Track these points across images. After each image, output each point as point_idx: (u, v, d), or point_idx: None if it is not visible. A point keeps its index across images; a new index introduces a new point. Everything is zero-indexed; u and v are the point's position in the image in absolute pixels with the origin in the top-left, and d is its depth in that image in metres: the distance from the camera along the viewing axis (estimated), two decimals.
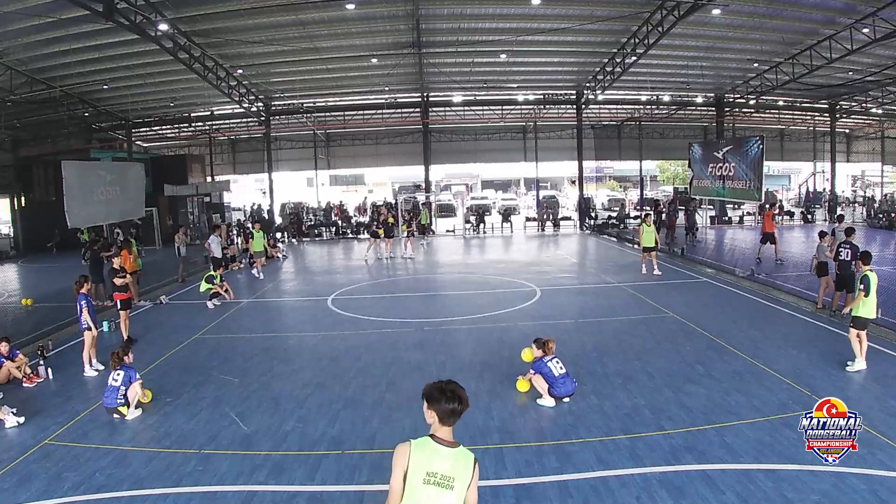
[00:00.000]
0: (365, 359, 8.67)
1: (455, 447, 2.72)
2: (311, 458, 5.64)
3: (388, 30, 19.08)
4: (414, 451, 2.67)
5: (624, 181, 53.01)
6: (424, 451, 2.68)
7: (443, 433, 2.72)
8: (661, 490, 4.87)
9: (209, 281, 12.63)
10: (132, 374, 6.73)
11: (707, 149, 19.33)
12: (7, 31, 15.92)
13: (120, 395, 6.58)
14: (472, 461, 2.72)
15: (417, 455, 2.67)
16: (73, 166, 15.26)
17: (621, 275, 14.91)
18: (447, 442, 2.71)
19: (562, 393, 6.73)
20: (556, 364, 6.79)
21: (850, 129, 36.34)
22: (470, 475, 2.70)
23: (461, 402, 2.69)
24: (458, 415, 2.71)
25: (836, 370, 7.62)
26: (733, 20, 18.15)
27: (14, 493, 5.11)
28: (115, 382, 6.62)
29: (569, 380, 6.78)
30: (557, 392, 6.71)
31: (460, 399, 2.69)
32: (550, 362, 6.80)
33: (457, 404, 2.68)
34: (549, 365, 6.77)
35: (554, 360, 6.83)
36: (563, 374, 6.75)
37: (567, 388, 6.74)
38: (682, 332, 9.62)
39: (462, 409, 2.71)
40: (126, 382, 6.64)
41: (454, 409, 2.68)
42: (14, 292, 15.86)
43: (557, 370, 6.75)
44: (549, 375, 6.73)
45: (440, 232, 27.42)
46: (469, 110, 29.04)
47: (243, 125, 30.76)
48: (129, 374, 6.70)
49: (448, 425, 2.72)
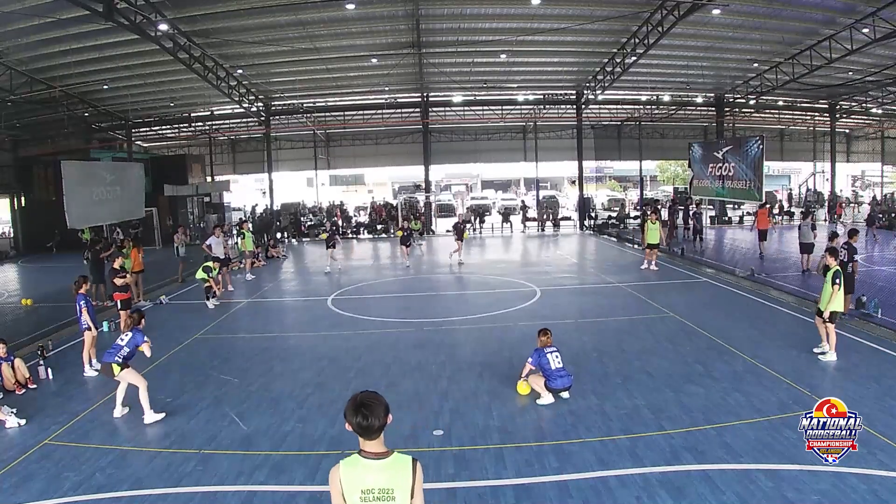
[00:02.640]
0: (365, 359, 8.67)
1: (386, 457, 2.55)
2: (311, 458, 5.64)
3: (387, 30, 19.08)
4: (343, 472, 2.55)
5: (624, 181, 53.01)
6: (355, 469, 2.55)
7: (370, 446, 2.55)
8: (661, 490, 4.87)
9: (206, 272, 12.51)
10: (139, 338, 6.67)
11: (707, 149, 19.33)
12: (7, 31, 15.92)
13: (119, 355, 6.55)
14: (409, 466, 2.56)
15: (348, 475, 2.55)
16: (73, 166, 15.28)
17: (621, 275, 14.91)
18: (375, 454, 2.55)
19: (558, 386, 6.74)
20: (554, 357, 6.81)
21: (850, 129, 36.33)
22: (410, 481, 2.54)
23: (368, 416, 2.47)
24: (369, 430, 2.50)
25: (837, 370, 7.62)
26: (733, 20, 18.14)
27: (14, 493, 5.11)
28: (122, 342, 6.63)
29: (566, 374, 6.79)
30: (554, 385, 6.72)
31: (366, 414, 2.47)
32: (550, 354, 6.82)
33: (362, 419, 2.47)
34: (548, 356, 6.79)
35: (553, 352, 6.85)
36: (560, 367, 6.77)
37: (563, 382, 6.76)
38: (682, 332, 9.62)
39: (371, 424, 2.48)
40: (132, 345, 6.62)
41: (360, 423, 2.48)
42: (14, 292, 15.86)
43: (555, 363, 6.77)
44: (546, 367, 6.75)
45: (440, 232, 27.43)
46: (469, 110, 29.03)
47: (243, 125, 30.75)
48: (136, 337, 6.66)
49: (368, 439, 2.53)
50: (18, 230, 25.24)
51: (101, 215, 15.74)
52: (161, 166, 26.76)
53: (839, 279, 7.94)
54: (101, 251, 13.53)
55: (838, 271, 8.00)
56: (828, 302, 7.99)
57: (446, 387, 7.41)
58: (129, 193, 16.70)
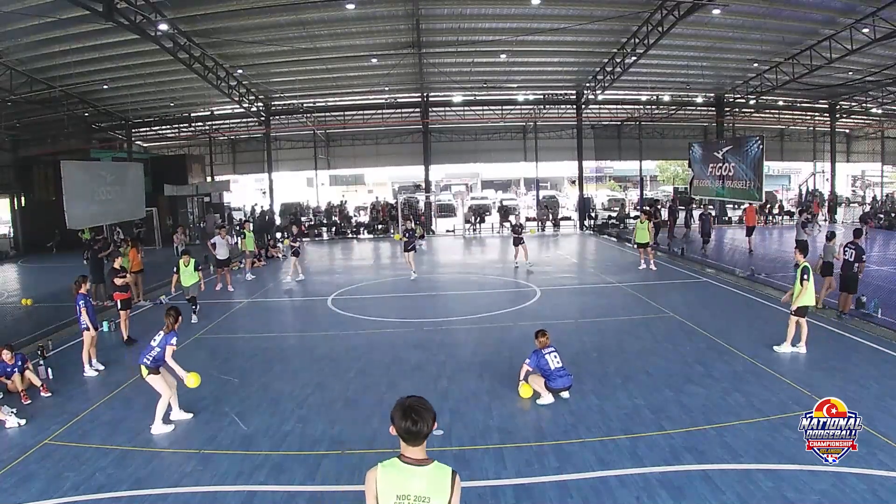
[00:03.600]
0: (365, 359, 8.67)
1: (427, 465, 2.54)
2: (311, 458, 5.64)
3: (387, 30, 19.07)
4: (381, 475, 2.54)
5: (624, 181, 52.97)
6: (392, 473, 2.53)
7: (411, 452, 2.53)
8: (661, 490, 4.87)
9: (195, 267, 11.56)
10: (169, 338, 6.42)
11: (707, 149, 19.34)
12: (7, 31, 15.92)
13: (149, 356, 6.36)
14: (448, 477, 2.54)
15: (385, 478, 2.53)
16: (73, 166, 15.29)
17: (621, 275, 14.91)
18: (417, 461, 2.53)
19: (558, 386, 6.74)
20: (553, 357, 6.81)
21: (850, 129, 36.31)
22: (448, 492, 2.52)
23: (417, 422, 2.46)
24: (417, 436, 2.49)
25: (837, 370, 7.62)
26: (733, 20, 18.14)
27: (14, 493, 5.11)
28: (153, 342, 6.44)
29: (566, 374, 6.79)
30: (554, 385, 6.73)
31: (416, 419, 2.47)
32: (548, 355, 6.82)
33: (411, 423, 2.46)
34: (546, 357, 6.80)
35: (552, 353, 6.85)
36: (559, 367, 6.77)
37: (564, 382, 6.76)
38: (682, 332, 9.62)
39: (420, 430, 2.48)
40: (162, 345, 6.39)
41: (409, 428, 2.47)
42: (14, 292, 15.85)
43: (554, 363, 6.77)
44: (545, 368, 6.75)
45: (440, 232, 27.44)
46: (469, 110, 29.03)
47: (243, 125, 30.74)
48: (166, 337, 6.41)
49: (413, 445, 2.52)
50: (18, 230, 25.23)
51: (101, 215, 15.75)
52: (161, 166, 26.74)
53: (808, 275, 8.16)
54: (99, 251, 13.53)
55: (807, 267, 8.21)
56: (797, 297, 8.19)
57: (446, 387, 7.41)
58: (129, 193, 16.72)
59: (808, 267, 8.24)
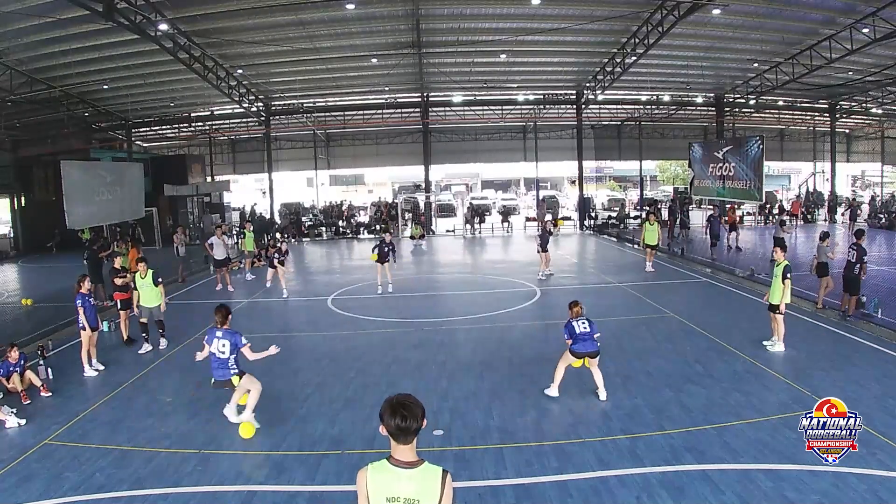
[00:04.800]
0: (365, 359, 8.67)
1: (416, 466, 2.49)
2: (311, 458, 5.64)
3: (387, 30, 19.07)
4: (371, 476, 2.52)
5: (624, 181, 52.95)
6: (382, 475, 2.51)
7: (400, 453, 2.50)
8: (661, 490, 4.87)
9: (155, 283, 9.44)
10: (237, 339, 6.12)
11: (707, 149, 19.32)
12: (7, 31, 15.91)
13: (232, 365, 6.10)
14: (439, 478, 2.50)
15: (375, 480, 2.51)
16: (73, 166, 15.27)
17: (621, 275, 14.90)
18: (405, 462, 2.49)
19: (580, 350, 6.79)
20: (580, 323, 6.87)
21: (850, 129, 36.31)
22: (439, 493, 2.48)
23: (406, 418, 2.42)
24: (407, 432, 2.44)
25: (838, 370, 7.62)
26: (733, 20, 18.13)
27: (14, 493, 5.11)
28: (223, 354, 6.08)
29: (591, 339, 6.82)
30: (576, 349, 6.79)
31: (405, 415, 2.43)
32: (576, 321, 6.89)
33: (401, 420, 2.42)
34: (573, 323, 6.88)
35: (582, 321, 6.90)
36: (585, 331, 6.82)
37: (586, 346, 6.79)
38: (682, 332, 9.63)
39: (409, 426, 2.43)
40: (234, 350, 6.11)
41: (399, 424, 2.43)
42: (14, 292, 15.85)
43: (580, 328, 6.83)
44: (573, 333, 6.83)
45: (440, 232, 27.43)
46: (469, 110, 29.03)
47: (243, 125, 30.73)
48: (234, 339, 6.11)
49: (402, 443, 2.48)
50: (18, 230, 25.23)
51: (101, 215, 15.73)
52: (161, 166, 26.75)
53: (790, 273, 8.26)
54: (98, 250, 13.53)
55: (788, 266, 8.29)
56: (780, 296, 8.27)
57: (446, 387, 7.41)
58: (129, 193, 16.71)
59: (788, 265, 8.32)
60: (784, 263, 8.31)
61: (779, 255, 8.50)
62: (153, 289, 9.35)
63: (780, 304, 8.33)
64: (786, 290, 8.26)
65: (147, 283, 9.33)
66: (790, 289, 8.40)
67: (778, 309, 8.37)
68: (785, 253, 8.68)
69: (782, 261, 8.37)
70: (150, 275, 9.35)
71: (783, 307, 8.36)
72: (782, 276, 8.23)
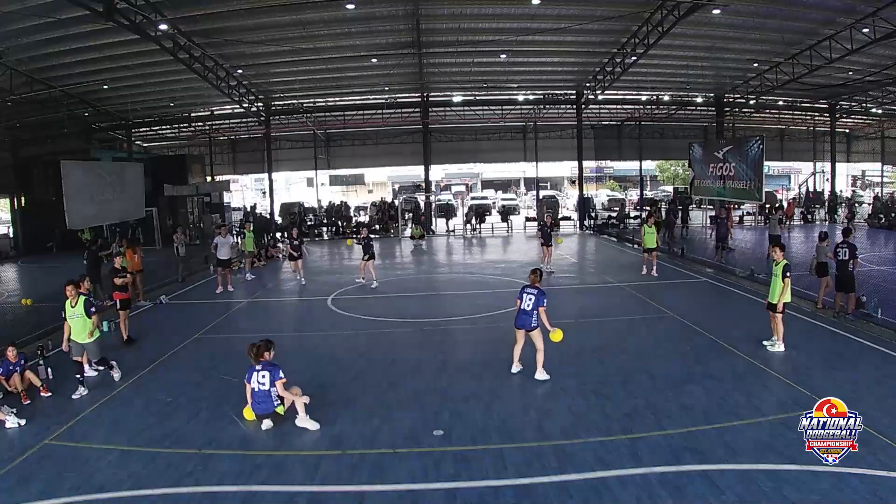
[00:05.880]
0: (365, 359, 8.67)
1: None
2: (310, 458, 5.64)
3: (387, 30, 19.07)
4: None
5: (624, 181, 52.95)
6: None
7: None
8: (661, 490, 4.87)
9: (88, 312, 7.56)
10: (276, 372, 6.28)
11: (707, 149, 19.32)
12: (7, 31, 15.91)
13: (275, 397, 6.27)
14: None
15: None
16: (73, 166, 15.30)
17: (621, 275, 14.90)
18: None
19: (515, 325, 7.46)
20: (527, 297, 7.30)
21: (850, 129, 36.31)
22: None
23: None
24: None
25: (838, 370, 7.62)
26: (733, 20, 18.14)
27: (14, 493, 5.10)
28: (264, 386, 6.25)
29: (524, 314, 7.32)
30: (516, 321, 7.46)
31: None
32: (525, 293, 7.37)
33: None
34: (522, 294, 7.40)
35: (529, 293, 7.32)
36: (524, 308, 7.28)
37: (518, 321, 7.41)
38: (682, 332, 9.62)
39: None
40: (272, 382, 6.26)
41: None
42: (14, 292, 15.85)
43: (524, 304, 7.32)
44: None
45: (440, 232, 27.42)
46: (469, 110, 29.03)
47: (243, 125, 30.74)
48: (273, 373, 6.27)
49: None
50: (18, 230, 25.23)
51: (101, 215, 15.74)
52: (161, 166, 26.73)
53: (790, 272, 8.31)
54: (98, 250, 13.52)
55: (788, 265, 8.33)
56: (779, 295, 8.31)
57: (446, 387, 7.41)
58: (128, 193, 16.73)
59: (788, 264, 8.36)
60: (784, 262, 8.35)
61: (778, 255, 8.52)
62: (85, 321, 7.48)
63: (778, 304, 8.34)
64: (786, 289, 8.28)
65: (78, 311, 7.46)
66: (790, 288, 8.41)
67: (777, 308, 8.37)
68: (783, 252, 8.70)
69: (782, 260, 8.40)
70: (82, 302, 7.48)
71: (782, 306, 8.36)
72: (782, 275, 8.25)
